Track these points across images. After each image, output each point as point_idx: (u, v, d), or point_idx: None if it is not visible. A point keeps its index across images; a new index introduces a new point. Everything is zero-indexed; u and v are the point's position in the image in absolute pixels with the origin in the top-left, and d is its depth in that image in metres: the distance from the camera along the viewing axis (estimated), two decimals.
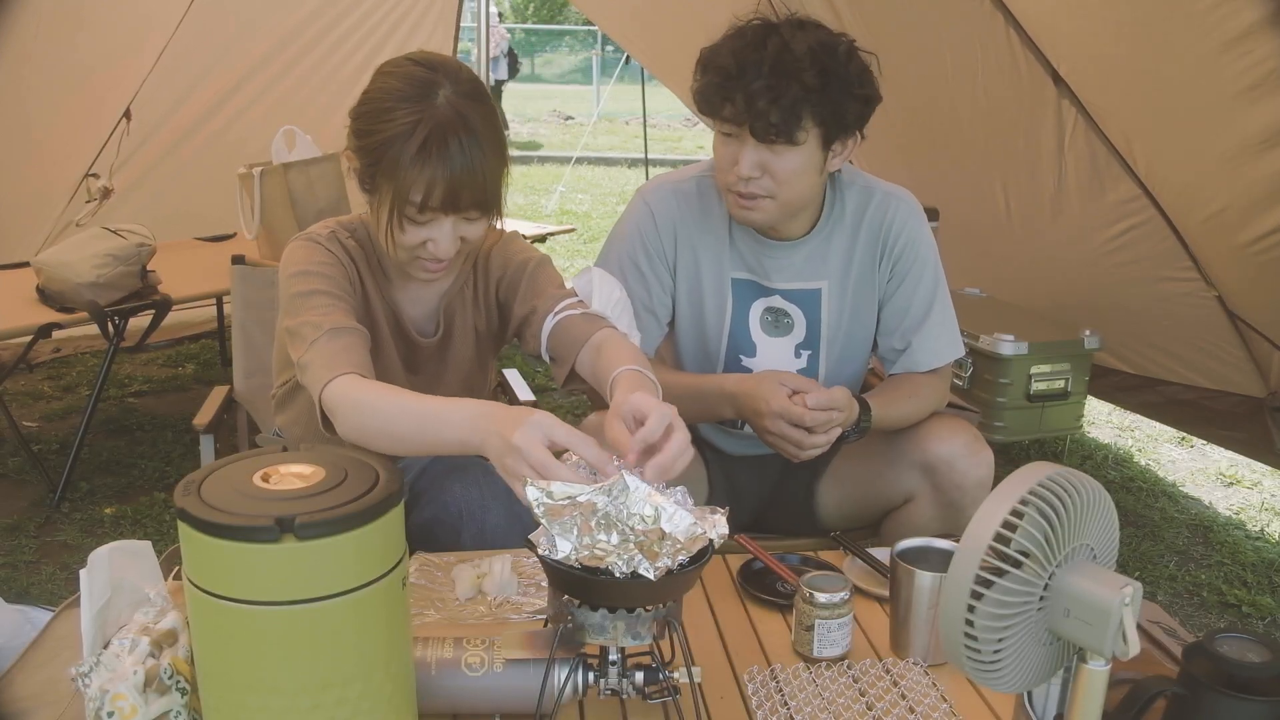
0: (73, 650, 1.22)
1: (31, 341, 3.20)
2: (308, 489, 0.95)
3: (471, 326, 1.67)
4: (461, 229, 1.44)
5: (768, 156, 1.60)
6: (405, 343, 1.63)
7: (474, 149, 1.38)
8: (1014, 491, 0.92)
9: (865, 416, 1.69)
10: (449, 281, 1.64)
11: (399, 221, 1.41)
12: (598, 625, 1.08)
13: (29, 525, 2.97)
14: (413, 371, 1.66)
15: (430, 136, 1.36)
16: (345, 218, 1.62)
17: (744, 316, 1.80)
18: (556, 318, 1.52)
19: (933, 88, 3.54)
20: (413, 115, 1.37)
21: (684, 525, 1.06)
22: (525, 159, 11.87)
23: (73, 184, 4.05)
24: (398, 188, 1.38)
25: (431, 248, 1.44)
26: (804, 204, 1.71)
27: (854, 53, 1.61)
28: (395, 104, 1.39)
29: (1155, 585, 2.90)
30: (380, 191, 1.42)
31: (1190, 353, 3.41)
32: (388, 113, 1.39)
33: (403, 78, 1.41)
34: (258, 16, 4.34)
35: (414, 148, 1.36)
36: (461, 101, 1.39)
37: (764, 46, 1.57)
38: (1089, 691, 0.97)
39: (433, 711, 1.14)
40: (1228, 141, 2.57)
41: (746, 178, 1.61)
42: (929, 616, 1.31)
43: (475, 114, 1.40)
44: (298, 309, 1.44)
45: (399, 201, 1.39)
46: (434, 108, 1.38)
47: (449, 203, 1.39)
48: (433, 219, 1.42)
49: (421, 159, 1.36)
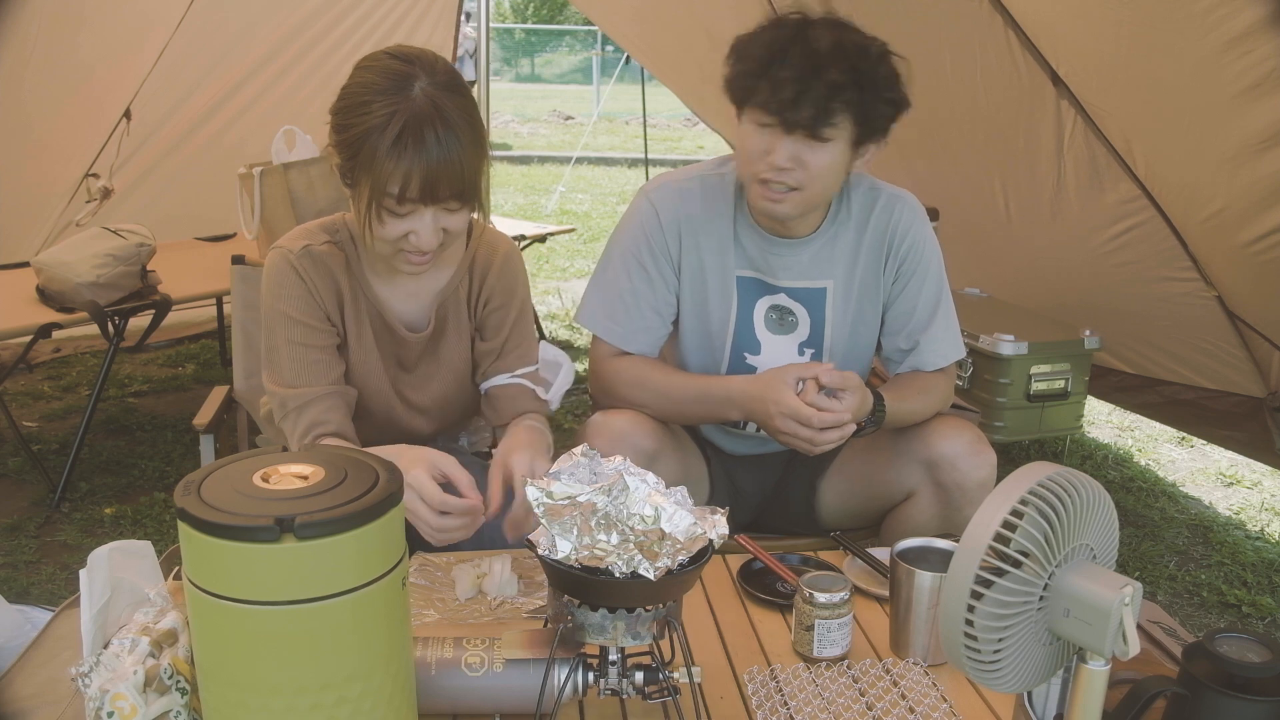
0: (73, 650, 1.22)
1: (31, 341, 3.20)
2: (308, 489, 0.95)
3: (465, 325, 1.68)
4: (442, 220, 1.45)
5: (804, 149, 1.60)
6: (393, 339, 1.64)
7: (450, 140, 1.39)
8: (1014, 491, 0.93)
9: (880, 407, 1.69)
10: (446, 278, 1.64)
11: (378, 214, 1.42)
12: (598, 625, 1.08)
13: (29, 525, 2.97)
14: (405, 369, 1.66)
15: (406, 128, 1.37)
16: (329, 219, 1.64)
17: (749, 314, 1.80)
18: (512, 379, 1.69)
19: (932, 88, 3.53)
20: (388, 108, 1.38)
21: (684, 525, 1.06)
22: (525, 159, 11.88)
23: (73, 184, 4.05)
24: (375, 180, 1.39)
25: (414, 239, 1.45)
26: (824, 201, 1.72)
27: (887, 56, 1.62)
28: (372, 97, 1.40)
29: (1155, 585, 2.90)
30: (359, 185, 1.43)
31: (1190, 353, 3.41)
32: (364, 106, 1.40)
33: (379, 71, 1.43)
34: (258, 17, 4.34)
35: (389, 140, 1.37)
36: (437, 93, 1.40)
37: (796, 40, 1.58)
38: (1089, 691, 0.97)
39: (433, 711, 1.14)
40: (1227, 141, 2.57)
41: (780, 168, 1.61)
42: (929, 616, 1.31)
43: (451, 105, 1.40)
44: (270, 354, 1.57)
45: (377, 194, 1.40)
46: (410, 100, 1.38)
47: (427, 194, 1.40)
48: (412, 210, 1.42)
49: (398, 151, 1.37)
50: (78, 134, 3.99)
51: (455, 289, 1.65)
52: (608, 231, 1.89)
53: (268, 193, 3.16)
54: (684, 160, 11.31)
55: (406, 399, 1.67)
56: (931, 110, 3.61)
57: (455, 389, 1.70)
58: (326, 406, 1.54)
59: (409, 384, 1.67)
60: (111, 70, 3.96)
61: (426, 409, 1.70)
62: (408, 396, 1.67)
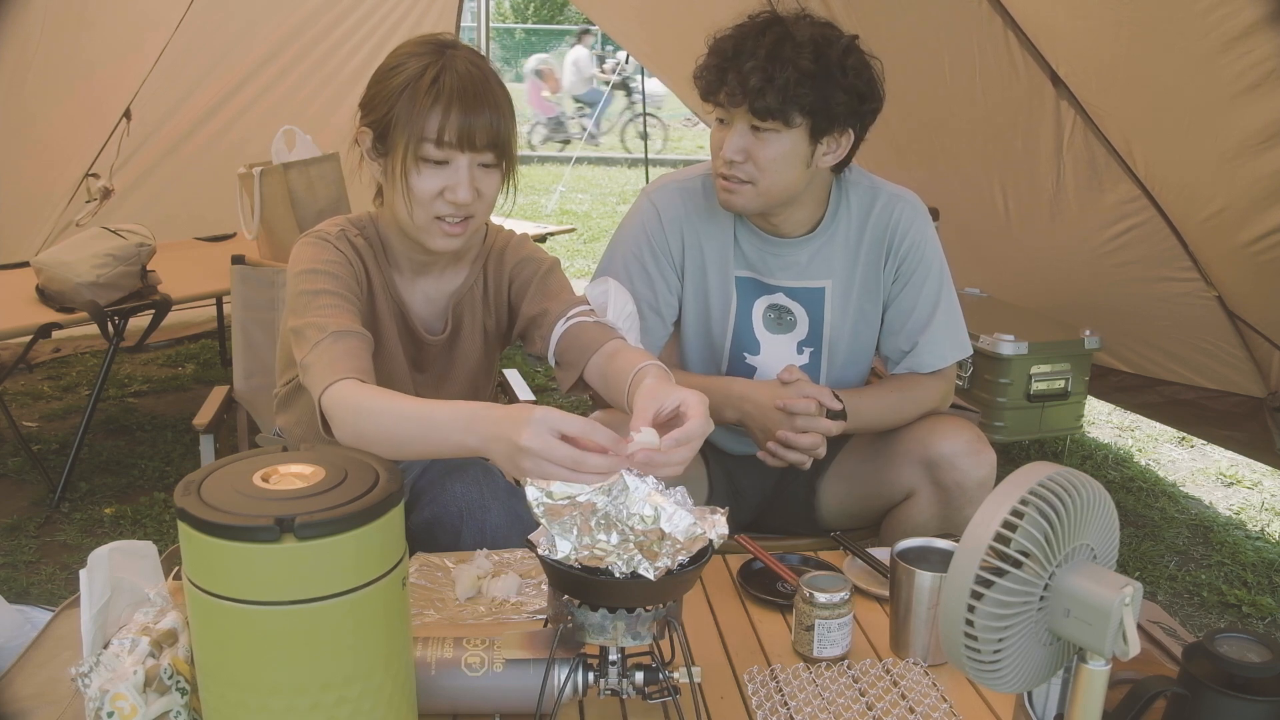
0: (73, 650, 1.22)
1: (31, 341, 3.20)
2: (308, 489, 0.95)
3: (480, 326, 1.67)
4: (478, 179, 1.44)
5: (752, 142, 1.62)
6: (412, 341, 1.63)
7: (486, 90, 1.41)
8: (1014, 491, 0.92)
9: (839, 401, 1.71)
10: (459, 280, 1.64)
11: (416, 165, 1.42)
12: (598, 625, 1.08)
13: (29, 525, 2.97)
14: (419, 370, 1.66)
15: (443, 72, 1.39)
16: (354, 215, 1.62)
17: (747, 314, 1.80)
18: (569, 322, 1.51)
19: (931, 89, 3.54)
20: (424, 61, 1.41)
21: (684, 525, 1.06)
22: (525, 159, 11.86)
23: (73, 184, 4.05)
24: (413, 127, 1.39)
25: (450, 195, 1.43)
26: (786, 196, 1.70)
27: (853, 49, 1.62)
28: (407, 61, 1.42)
29: (1155, 585, 2.90)
30: (394, 146, 1.42)
31: (1190, 353, 3.41)
32: (399, 68, 1.42)
33: (413, 43, 1.46)
34: (258, 17, 4.34)
35: (427, 83, 1.39)
36: (473, 56, 1.44)
37: (764, 33, 1.60)
38: (1089, 691, 0.97)
39: (433, 711, 1.14)
40: (1227, 141, 2.57)
41: (729, 160, 1.64)
42: (929, 616, 1.31)
43: (487, 68, 1.44)
44: (304, 308, 1.43)
45: (415, 141, 1.40)
46: (446, 57, 1.42)
47: (465, 138, 1.40)
48: (450, 158, 1.42)
49: (434, 91, 1.39)
50: (78, 134, 3.99)
51: (470, 289, 1.65)
52: (607, 231, 1.89)
53: (268, 193, 3.16)
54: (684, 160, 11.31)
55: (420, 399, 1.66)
56: (931, 110, 3.62)
57: (469, 390, 1.70)
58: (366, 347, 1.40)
59: (423, 383, 1.67)
60: (112, 70, 3.96)
61: None
62: (422, 396, 1.66)
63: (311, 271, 1.47)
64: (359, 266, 1.53)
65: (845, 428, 1.71)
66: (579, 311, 1.53)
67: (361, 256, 1.55)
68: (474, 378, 1.70)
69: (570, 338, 1.51)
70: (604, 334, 1.49)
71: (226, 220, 3.79)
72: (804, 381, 1.70)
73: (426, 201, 1.44)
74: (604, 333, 1.50)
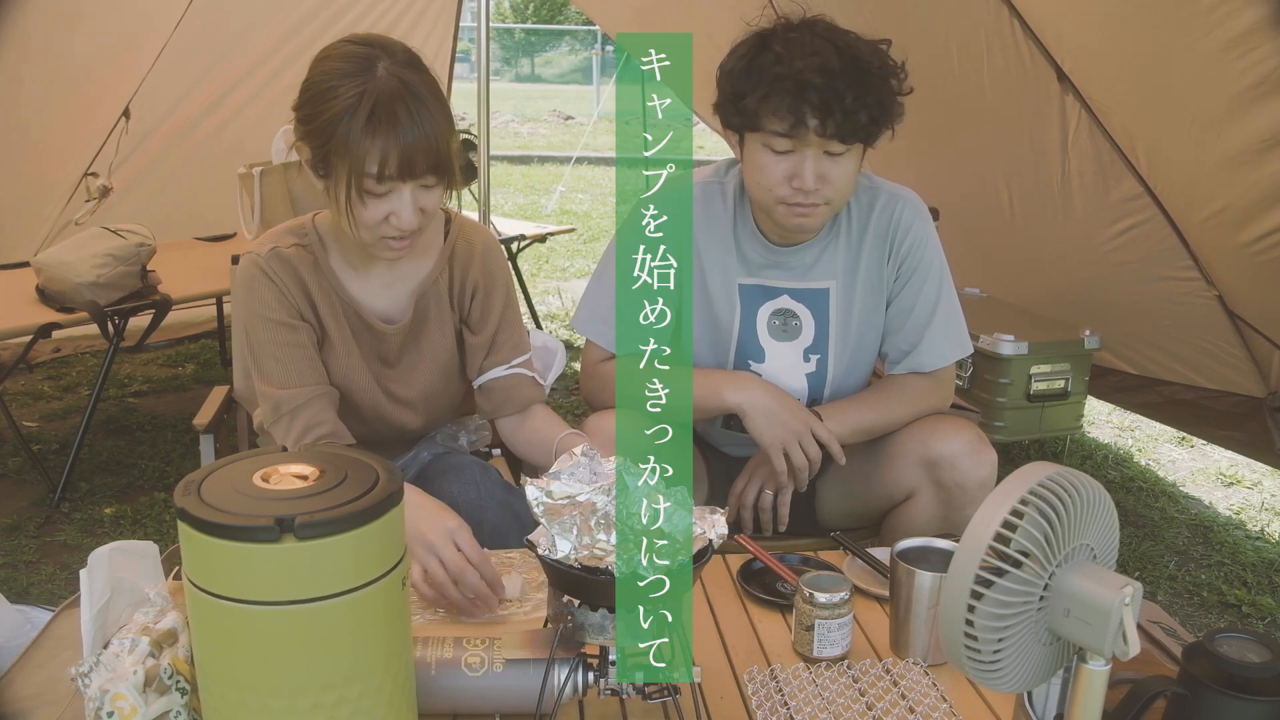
0: (73, 650, 1.22)
1: (31, 341, 3.20)
2: (307, 489, 0.95)
3: (448, 319, 1.69)
4: (420, 198, 1.45)
5: (827, 165, 1.60)
6: (370, 334, 1.64)
7: (422, 114, 1.40)
8: (1014, 491, 0.92)
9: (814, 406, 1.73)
10: (425, 269, 1.65)
11: (359, 197, 1.42)
12: (598, 625, 1.08)
13: (29, 525, 2.97)
14: (387, 364, 1.66)
15: (377, 106, 1.37)
16: (295, 221, 1.64)
17: (751, 322, 1.80)
18: (510, 370, 1.69)
19: (937, 84, 3.53)
20: (356, 89, 1.38)
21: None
22: (525, 159, 11.87)
23: (72, 183, 4.05)
24: (353, 162, 1.39)
25: (394, 220, 1.45)
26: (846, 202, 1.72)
27: (881, 50, 1.63)
28: (337, 82, 1.40)
29: (1155, 585, 2.90)
30: (335, 172, 1.42)
31: (1190, 353, 3.41)
32: (330, 92, 1.40)
33: (339, 58, 1.43)
34: (257, 16, 4.34)
35: (362, 119, 1.37)
36: (402, 70, 1.41)
37: (835, 53, 1.56)
38: (1089, 691, 0.97)
39: (433, 711, 1.14)
40: (1229, 141, 2.57)
41: (811, 190, 1.61)
42: (929, 616, 1.31)
43: (418, 80, 1.42)
44: (256, 363, 1.55)
45: (355, 175, 1.40)
46: (376, 79, 1.39)
47: (405, 169, 1.40)
48: (391, 189, 1.42)
49: (371, 129, 1.37)
50: (77, 133, 3.99)
51: (435, 280, 1.65)
52: (608, 231, 1.89)
53: (268, 192, 3.16)
54: None
55: (392, 393, 1.67)
56: (936, 106, 3.61)
57: (441, 381, 1.70)
58: (321, 408, 1.54)
59: (392, 378, 1.67)
60: (111, 69, 3.95)
61: (412, 402, 1.69)
62: (393, 391, 1.67)
63: (253, 317, 1.55)
64: (294, 285, 1.56)
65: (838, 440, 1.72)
66: (522, 362, 1.70)
67: (298, 271, 1.57)
68: (445, 370, 1.71)
69: (505, 385, 1.69)
70: (534, 394, 1.71)
71: (226, 220, 3.78)
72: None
73: (372, 226, 1.46)
74: (534, 392, 1.71)
